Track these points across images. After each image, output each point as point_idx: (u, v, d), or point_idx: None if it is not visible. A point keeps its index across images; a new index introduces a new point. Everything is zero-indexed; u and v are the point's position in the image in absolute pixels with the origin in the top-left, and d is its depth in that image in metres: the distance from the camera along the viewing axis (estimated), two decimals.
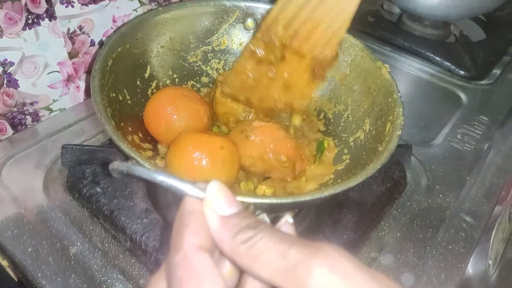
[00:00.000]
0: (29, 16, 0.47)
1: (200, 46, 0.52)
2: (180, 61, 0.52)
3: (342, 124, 0.49)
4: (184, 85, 0.52)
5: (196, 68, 0.53)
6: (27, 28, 0.47)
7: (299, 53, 0.45)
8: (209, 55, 0.53)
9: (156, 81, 0.49)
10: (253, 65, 0.46)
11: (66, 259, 0.40)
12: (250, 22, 0.53)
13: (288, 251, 0.19)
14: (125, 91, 0.44)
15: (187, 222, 0.21)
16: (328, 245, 0.19)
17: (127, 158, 0.33)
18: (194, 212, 0.22)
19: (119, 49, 0.43)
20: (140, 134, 0.44)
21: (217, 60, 0.54)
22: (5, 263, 0.41)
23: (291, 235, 0.20)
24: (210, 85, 0.54)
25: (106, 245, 0.42)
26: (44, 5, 0.48)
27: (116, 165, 0.23)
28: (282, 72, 0.46)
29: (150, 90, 0.48)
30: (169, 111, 0.44)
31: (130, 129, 0.43)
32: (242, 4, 0.52)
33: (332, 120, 0.51)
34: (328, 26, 0.44)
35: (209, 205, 0.22)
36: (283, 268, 0.19)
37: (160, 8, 0.48)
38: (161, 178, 0.22)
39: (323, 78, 0.47)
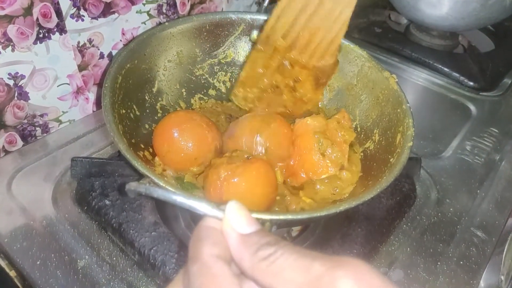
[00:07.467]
0: (40, 31, 0.48)
1: (207, 59, 0.53)
2: (187, 74, 0.52)
3: None
4: (191, 99, 0.52)
5: (203, 81, 0.53)
6: (38, 42, 0.48)
7: (299, 63, 0.46)
8: (215, 67, 0.54)
9: (164, 95, 0.49)
10: (258, 74, 0.47)
11: (74, 272, 0.40)
12: (255, 34, 0.53)
13: (311, 265, 0.18)
14: (134, 106, 0.44)
15: (205, 235, 0.22)
16: (353, 259, 0.19)
17: (139, 174, 0.33)
18: (212, 227, 0.22)
19: (128, 65, 0.43)
20: (150, 150, 0.44)
21: (224, 73, 0.54)
22: (12, 273, 0.41)
23: (312, 252, 0.20)
24: (217, 98, 0.54)
25: (114, 258, 0.42)
26: (55, 20, 0.48)
27: (134, 186, 0.23)
28: (287, 81, 0.47)
29: (159, 104, 0.49)
30: (174, 132, 0.42)
31: (141, 145, 0.43)
32: (248, 16, 0.52)
33: None
34: (326, 33, 0.44)
35: (228, 223, 0.22)
36: (306, 282, 0.18)
37: (166, 23, 0.49)
38: (180, 200, 0.22)
39: (325, 85, 0.48)
